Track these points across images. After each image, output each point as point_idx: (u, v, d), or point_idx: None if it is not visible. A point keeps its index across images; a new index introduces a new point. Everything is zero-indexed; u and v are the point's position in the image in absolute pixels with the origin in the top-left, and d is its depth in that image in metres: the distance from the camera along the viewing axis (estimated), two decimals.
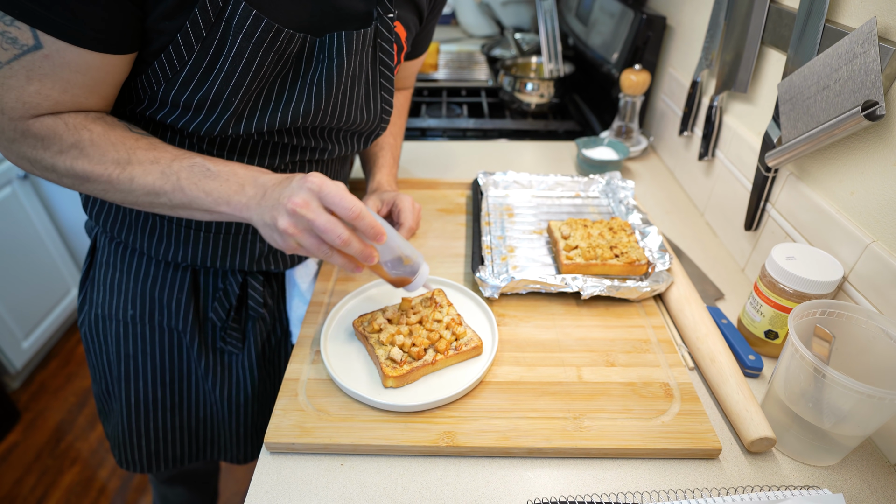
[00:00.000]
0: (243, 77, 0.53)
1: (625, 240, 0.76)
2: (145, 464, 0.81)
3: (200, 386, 0.78)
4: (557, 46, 1.37)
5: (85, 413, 1.74)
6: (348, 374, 0.60)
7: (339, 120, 0.64)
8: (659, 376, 0.61)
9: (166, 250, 0.68)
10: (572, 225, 0.80)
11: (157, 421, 0.78)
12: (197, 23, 0.49)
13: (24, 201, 1.73)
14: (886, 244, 0.55)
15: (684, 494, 0.50)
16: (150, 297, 0.71)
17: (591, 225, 0.80)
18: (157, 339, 0.74)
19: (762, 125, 0.77)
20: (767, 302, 0.61)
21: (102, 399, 0.82)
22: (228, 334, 0.75)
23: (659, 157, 1.16)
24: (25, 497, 1.49)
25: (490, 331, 0.66)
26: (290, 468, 0.53)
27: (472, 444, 0.54)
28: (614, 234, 0.78)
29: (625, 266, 0.73)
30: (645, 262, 0.73)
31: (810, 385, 0.50)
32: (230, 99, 0.54)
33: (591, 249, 0.74)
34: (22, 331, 1.75)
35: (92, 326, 0.75)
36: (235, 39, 0.51)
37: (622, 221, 0.81)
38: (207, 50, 0.51)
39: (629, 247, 0.74)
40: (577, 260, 0.73)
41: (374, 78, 0.65)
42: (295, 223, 0.50)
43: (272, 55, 0.54)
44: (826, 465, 0.54)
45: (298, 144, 0.65)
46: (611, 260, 0.73)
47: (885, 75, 0.54)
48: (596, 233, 0.78)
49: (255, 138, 0.61)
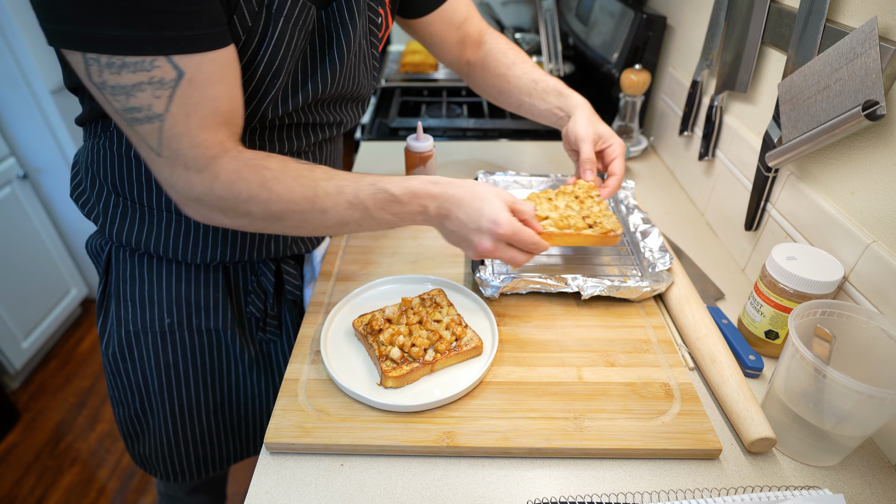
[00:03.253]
0: (284, 60, 0.55)
1: (595, 209, 0.72)
2: (194, 470, 0.80)
3: (242, 381, 0.78)
4: (557, 46, 1.37)
5: (84, 413, 1.74)
6: (348, 374, 0.60)
7: (351, 85, 0.65)
8: (659, 376, 0.61)
9: (195, 251, 0.67)
10: (534, 199, 0.74)
11: (203, 424, 0.77)
12: (243, 14, 0.50)
13: (24, 201, 1.73)
14: (887, 244, 0.55)
15: (685, 495, 0.50)
16: (185, 302, 0.69)
17: (556, 196, 0.75)
18: (196, 343, 0.72)
19: (762, 125, 0.77)
20: (768, 302, 0.61)
21: (133, 421, 0.78)
22: (268, 323, 0.76)
23: (659, 157, 1.16)
24: (25, 497, 1.49)
25: (490, 331, 0.66)
26: (290, 468, 0.53)
27: (472, 445, 0.53)
28: (582, 204, 0.73)
29: (600, 237, 0.69)
30: (620, 231, 0.70)
31: (811, 385, 0.50)
32: (272, 82, 0.55)
33: (563, 219, 0.69)
34: (21, 331, 1.75)
35: (123, 345, 0.71)
36: (277, 24, 0.52)
37: (587, 184, 0.76)
38: (252, 39, 0.52)
39: (602, 216, 0.71)
40: (550, 229, 0.68)
41: (368, 42, 0.67)
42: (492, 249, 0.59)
43: (298, 32, 0.55)
44: (827, 466, 0.54)
45: (316, 121, 0.66)
46: (585, 230, 0.69)
47: (886, 75, 0.53)
48: (563, 203, 0.73)
49: (286, 121, 0.62)
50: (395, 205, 0.57)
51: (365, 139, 1.26)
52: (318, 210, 0.55)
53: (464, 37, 0.84)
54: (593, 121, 0.78)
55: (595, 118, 0.79)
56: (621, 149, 0.78)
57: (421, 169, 0.84)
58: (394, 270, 0.78)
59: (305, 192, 0.54)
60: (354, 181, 0.57)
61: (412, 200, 0.57)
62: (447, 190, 0.58)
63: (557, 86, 0.82)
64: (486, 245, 0.58)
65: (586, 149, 0.76)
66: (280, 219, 0.55)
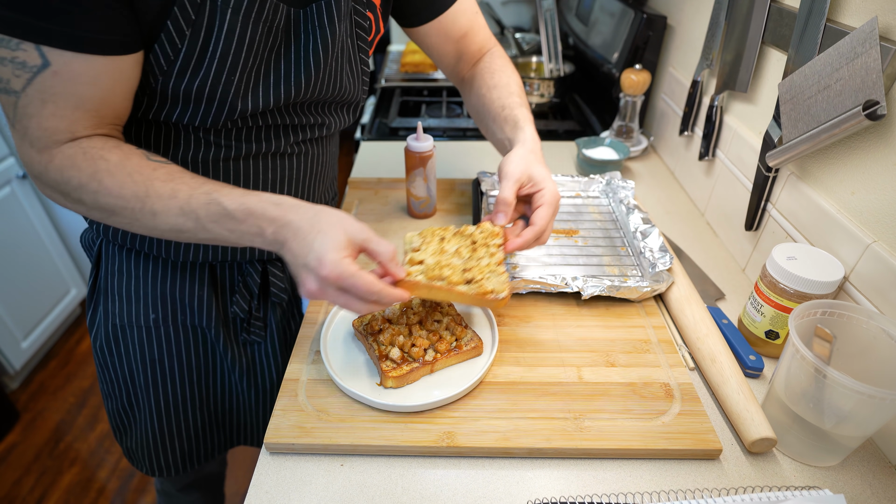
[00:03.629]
0: (238, 54, 0.54)
1: (485, 262, 0.60)
2: (178, 465, 0.80)
3: (226, 378, 0.78)
4: (558, 46, 1.37)
5: (84, 413, 1.74)
6: (348, 374, 0.60)
7: (333, 90, 0.64)
8: (659, 376, 0.61)
9: (180, 249, 0.67)
10: (427, 236, 0.64)
11: (188, 420, 0.78)
12: (185, 6, 0.49)
13: (24, 201, 1.73)
14: (887, 244, 0.55)
15: (685, 495, 0.50)
16: (170, 299, 0.70)
17: (450, 238, 0.64)
18: (181, 340, 0.73)
19: (763, 125, 0.77)
20: (768, 302, 0.61)
21: (121, 414, 0.79)
22: (252, 324, 0.75)
23: (659, 156, 1.16)
24: (24, 498, 1.49)
25: (490, 331, 0.65)
26: (290, 468, 0.53)
27: (472, 445, 0.53)
28: (474, 252, 0.61)
29: (475, 297, 0.57)
30: (504, 294, 0.57)
31: (811, 385, 0.50)
32: (229, 78, 0.54)
33: (438, 268, 0.58)
34: (21, 331, 1.75)
35: (110, 339, 0.72)
36: (224, 15, 0.51)
37: (493, 230, 0.64)
38: (199, 32, 0.51)
39: (488, 271, 0.59)
40: (417, 277, 0.57)
41: (354, 46, 0.66)
42: (320, 293, 0.52)
43: (261, 28, 0.54)
44: (827, 466, 0.54)
45: (298, 123, 0.65)
46: (460, 286, 0.57)
47: (886, 75, 0.53)
48: (453, 247, 0.62)
49: (260, 122, 0.61)
50: (230, 221, 0.51)
51: (365, 139, 1.26)
52: (149, 211, 0.51)
53: (461, 52, 0.81)
54: (529, 159, 0.66)
55: (533, 158, 0.67)
56: (552, 198, 0.64)
57: (420, 170, 0.84)
58: None
59: (137, 190, 0.51)
60: (192, 187, 0.52)
61: (248, 219, 0.51)
62: (286, 215, 0.51)
63: (518, 116, 0.72)
64: (311, 286, 0.51)
65: (505, 188, 0.64)
66: (112, 213, 0.52)
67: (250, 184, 0.65)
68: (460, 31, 0.78)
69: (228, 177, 0.63)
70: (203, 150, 0.61)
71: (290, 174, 0.68)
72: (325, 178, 0.77)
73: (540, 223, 0.63)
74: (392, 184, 1.01)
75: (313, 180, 0.73)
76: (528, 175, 0.65)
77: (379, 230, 0.87)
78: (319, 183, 0.75)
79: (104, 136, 0.53)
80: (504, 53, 0.83)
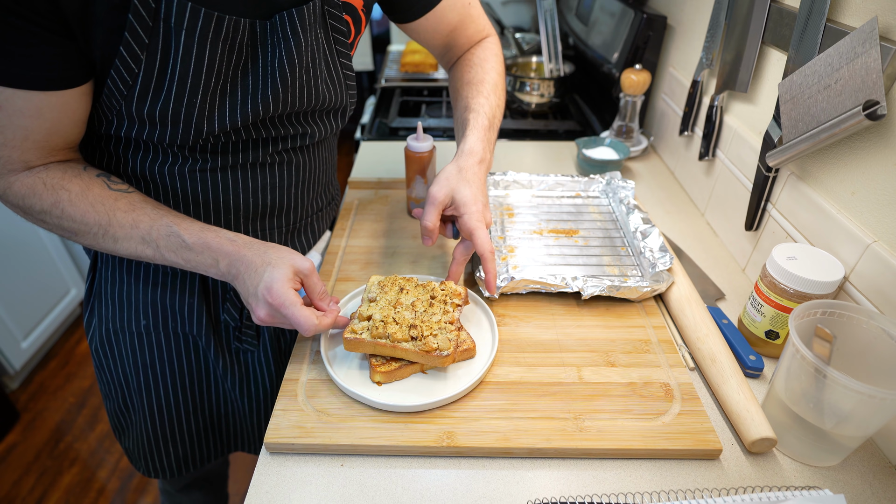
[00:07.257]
0: (198, 76, 0.53)
1: (437, 317, 0.60)
2: (174, 468, 0.81)
3: (220, 386, 0.78)
4: (558, 46, 1.37)
5: (84, 413, 1.74)
6: (348, 374, 0.60)
7: (309, 101, 0.63)
8: (659, 376, 0.61)
9: None
10: (387, 285, 0.65)
11: (182, 425, 0.78)
12: (136, 30, 0.48)
13: None
14: (887, 244, 0.55)
15: (685, 495, 0.50)
16: (161, 306, 0.70)
17: (410, 290, 0.64)
18: (173, 346, 0.73)
19: (763, 125, 0.77)
20: (768, 302, 0.61)
21: (119, 414, 0.80)
22: (243, 332, 0.75)
23: (659, 156, 1.16)
24: (24, 498, 1.49)
25: (490, 331, 0.65)
26: (290, 468, 0.53)
27: (472, 445, 0.53)
28: (430, 307, 0.61)
29: (420, 353, 0.57)
30: (449, 352, 0.56)
31: (811, 385, 0.50)
32: (192, 100, 0.54)
33: (383, 326, 0.58)
34: (21, 331, 1.75)
35: (104, 341, 0.73)
36: (179, 38, 0.50)
37: (456, 290, 0.64)
38: (154, 56, 0.50)
39: (437, 328, 0.58)
40: (362, 335, 0.58)
41: (332, 51, 0.64)
42: (269, 319, 0.56)
43: (221, 46, 0.52)
44: (827, 466, 0.54)
45: (278, 135, 0.64)
46: (404, 343, 0.57)
47: (887, 75, 0.53)
48: (409, 300, 0.62)
49: (234, 138, 0.60)
50: (188, 252, 0.56)
51: (365, 139, 1.26)
52: (111, 238, 0.55)
53: (450, 44, 0.81)
54: (454, 179, 0.64)
55: (460, 177, 0.65)
56: (477, 223, 0.62)
57: (421, 170, 0.84)
58: (394, 270, 0.78)
59: (99, 219, 0.54)
60: (153, 219, 0.55)
61: (204, 252, 0.56)
62: (240, 250, 0.56)
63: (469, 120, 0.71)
64: (260, 313, 0.55)
65: (427, 213, 0.63)
66: (75, 234, 0.56)
67: (229, 193, 0.64)
68: (449, 25, 0.78)
69: (206, 186, 0.63)
70: (180, 163, 0.60)
71: (272, 182, 0.67)
72: (316, 185, 0.75)
73: (481, 248, 0.63)
74: (392, 184, 1.01)
75: (300, 188, 0.71)
76: (450, 198, 0.64)
77: (379, 230, 0.87)
78: (309, 190, 0.73)
79: (61, 161, 0.55)
80: (493, 44, 0.82)
